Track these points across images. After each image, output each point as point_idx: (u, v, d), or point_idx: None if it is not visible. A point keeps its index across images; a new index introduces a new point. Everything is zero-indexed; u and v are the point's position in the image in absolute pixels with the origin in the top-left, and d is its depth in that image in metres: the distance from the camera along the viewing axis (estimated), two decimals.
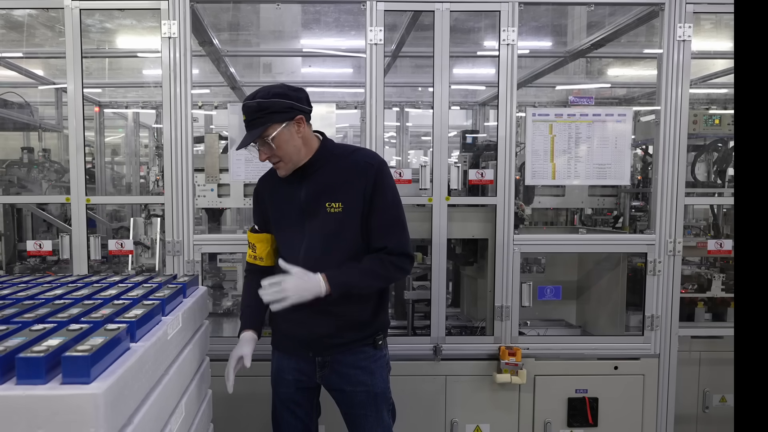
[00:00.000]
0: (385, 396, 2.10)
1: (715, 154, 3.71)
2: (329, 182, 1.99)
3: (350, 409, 2.09)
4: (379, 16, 2.70)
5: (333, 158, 2.03)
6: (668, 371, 2.89)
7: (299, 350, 2.08)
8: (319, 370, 2.07)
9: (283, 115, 1.93)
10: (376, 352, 2.07)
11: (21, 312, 1.46)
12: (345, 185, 1.97)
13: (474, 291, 3.29)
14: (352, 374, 2.04)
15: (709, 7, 2.80)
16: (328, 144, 2.08)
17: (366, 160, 2.01)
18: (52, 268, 3.62)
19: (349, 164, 2.00)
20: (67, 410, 1.08)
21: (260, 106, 1.91)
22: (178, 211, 2.74)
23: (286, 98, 1.94)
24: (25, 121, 4.38)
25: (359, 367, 2.04)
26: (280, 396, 2.15)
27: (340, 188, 1.97)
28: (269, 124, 1.92)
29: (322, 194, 1.98)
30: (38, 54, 4.31)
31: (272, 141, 1.93)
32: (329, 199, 1.97)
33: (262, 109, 1.91)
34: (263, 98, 1.92)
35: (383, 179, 1.99)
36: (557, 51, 4.19)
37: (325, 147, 2.05)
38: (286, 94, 1.94)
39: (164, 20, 2.67)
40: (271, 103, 1.92)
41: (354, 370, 2.04)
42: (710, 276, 3.35)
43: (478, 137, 3.63)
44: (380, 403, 2.08)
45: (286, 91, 1.95)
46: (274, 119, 1.92)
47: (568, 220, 4.24)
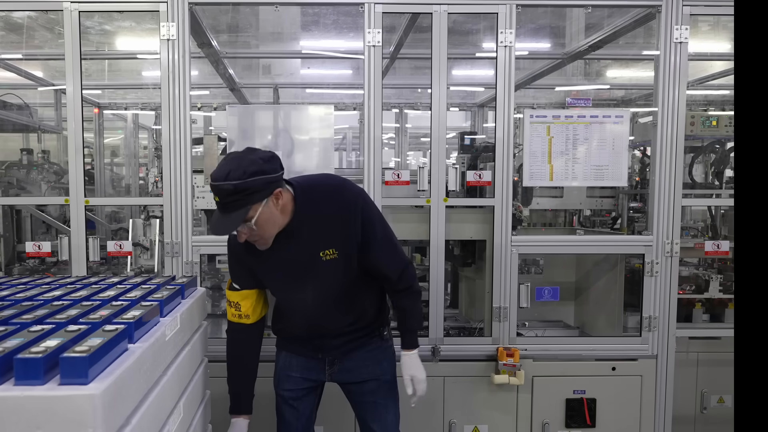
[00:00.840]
0: (393, 385, 2.17)
1: (713, 156, 3.72)
2: (317, 233, 1.91)
3: (362, 397, 2.16)
4: (377, 18, 2.70)
5: (311, 210, 1.90)
6: (666, 372, 2.89)
7: (308, 352, 2.14)
8: (328, 367, 2.13)
9: (262, 193, 1.76)
10: (383, 343, 2.15)
11: (19, 313, 1.46)
12: (333, 231, 1.91)
13: (472, 292, 3.30)
14: (362, 366, 2.11)
15: (706, 9, 2.81)
16: (300, 197, 1.90)
17: (345, 201, 1.93)
18: (51, 269, 3.62)
19: (331, 210, 1.91)
20: (65, 411, 1.09)
21: (237, 189, 1.72)
22: (177, 213, 2.75)
23: (262, 174, 1.75)
24: (25, 123, 4.39)
25: (368, 359, 2.11)
26: (285, 393, 2.17)
27: (329, 235, 1.91)
28: (250, 206, 1.76)
29: (314, 247, 1.92)
30: (37, 56, 4.32)
31: (255, 224, 1.79)
32: (322, 248, 1.91)
33: (239, 192, 1.73)
34: (239, 179, 1.71)
35: (367, 213, 1.95)
36: (555, 53, 4.20)
37: (299, 203, 1.89)
38: (261, 169, 1.75)
39: (163, 22, 2.67)
40: (249, 184, 1.73)
41: (364, 362, 2.11)
42: (708, 277, 3.36)
43: (476, 139, 3.64)
44: (389, 390, 2.16)
45: (262, 167, 1.76)
46: (254, 199, 1.75)
47: (567, 221, 4.25)
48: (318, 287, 1.98)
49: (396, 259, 2.03)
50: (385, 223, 2.04)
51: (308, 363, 2.13)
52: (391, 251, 2.02)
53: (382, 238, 1.99)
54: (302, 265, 1.95)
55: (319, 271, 1.95)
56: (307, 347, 2.12)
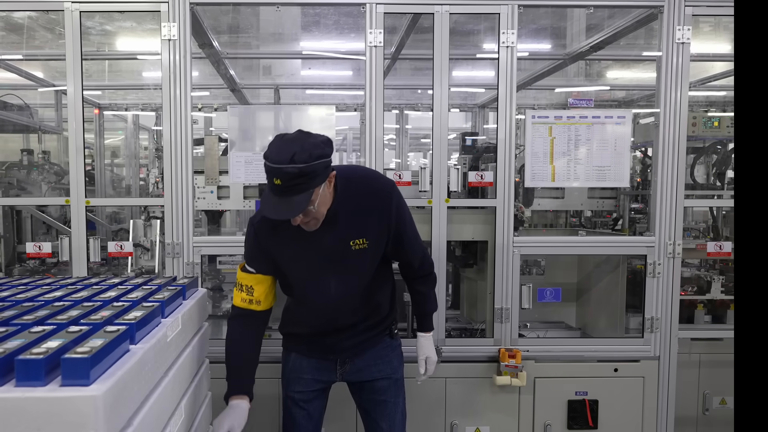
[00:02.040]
0: (401, 383, 2.19)
1: (714, 156, 3.71)
2: (351, 222, 1.91)
3: (370, 396, 2.16)
4: (378, 18, 2.70)
5: (349, 198, 1.91)
6: (668, 373, 2.88)
7: (319, 353, 2.13)
8: (339, 367, 2.13)
9: (322, 177, 1.76)
10: (393, 342, 2.18)
11: (20, 314, 1.46)
12: (368, 221, 1.93)
13: (474, 293, 3.29)
14: (373, 365, 2.13)
15: (708, 10, 2.81)
16: (341, 183, 1.90)
17: (381, 191, 1.96)
18: (52, 270, 3.62)
19: (367, 200, 1.94)
20: (66, 412, 1.08)
21: (302, 172, 1.68)
22: (178, 213, 2.74)
23: (325, 158, 1.75)
24: (25, 123, 4.39)
25: (379, 357, 2.13)
26: (295, 396, 2.14)
27: (363, 225, 1.93)
28: (312, 189, 1.73)
29: (346, 235, 1.92)
30: (38, 56, 4.32)
31: (315, 206, 1.78)
32: (354, 237, 1.93)
33: (304, 175, 1.69)
34: (305, 162, 1.68)
35: (400, 205, 2.01)
36: (556, 53, 4.20)
37: (340, 192, 1.90)
38: (324, 152, 1.74)
39: (164, 22, 2.67)
40: (314, 167, 1.70)
41: (375, 361, 2.13)
42: (710, 278, 3.35)
43: (477, 139, 3.64)
44: (399, 389, 2.17)
45: (324, 150, 1.75)
46: (316, 183, 1.74)
47: (568, 222, 4.24)
48: (343, 277, 1.97)
49: (419, 248, 2.13)
50: (410, 213, 2.08)
51: (319, 364, 2.12)
52: (417, 240, 2.12)
53: (412, 229, 2.08)
54: (331, 253, 1.92)
55: (348, 261, 1.94)
56: (319, 348, 2.11)
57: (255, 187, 2.95)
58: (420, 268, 2.14)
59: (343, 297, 2.01)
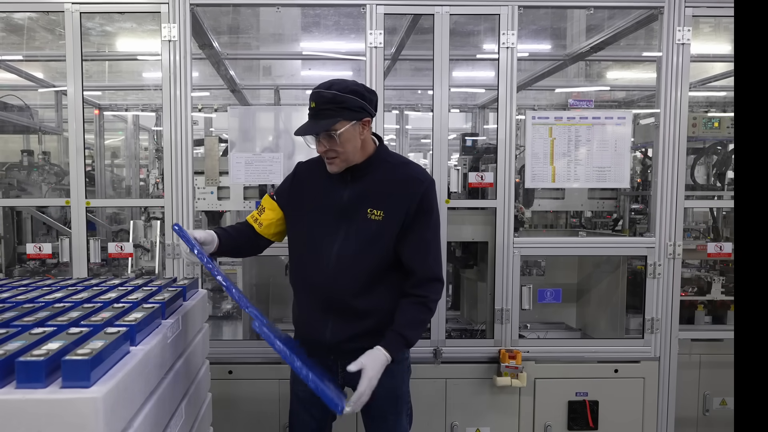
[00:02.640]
0: (405, 399, 2.11)
1: (715, 157, 3.71)
2: (376, 189, 1.95)
3: (370, 410, 2.05)
4: (378, 19, 2.70)
5: (384, 166, 1.98)
6: (668, 374, 2.88)
7: (321, 353, 2.05)
8: (341, 371, 2.04)
9: (354, 113, 1.88)
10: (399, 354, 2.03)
11: (20, 315, 1.46)
12: (391, 195, 1.94)
13: (474, 294, 3.29)
14: None
15: (708, 11, 2.81)
16: (383, 150, 2.02)
17: (417, 177, 1.97)
18: (52, 271, 3.62)
19: (399, 176, 1.96)
20: (67, 414, 1.08)
21: (335, 98, 1.86)
22: (178, 214, 2.74)
23: (361, 97, 1.90)
24: (25, 124, 4.39)
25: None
26: (299, 395, 2.13)
27: (385, 197, 1.93)
28: (339, 119, 1.87)
29: (366, 199, 1.95)
30: (38, 57, 4.32)
31: (338, 136, 1.87)
32: (372, 206, 1.93)
33: (336, 102, 1.86)
34: (339, 91, 1.87)
35: (430, 200, 1.97)
36: (557, 54, 4.20)
37: (379, 153, 2.00)
38: (362, 93, 1.90)
39: (164, 23, 2.67)
40: (347, 99, 1.87)
41: None
42: (710, 279, 3.35)
43: (477, 140, 3.64)
44: (400, 405, 2.09)
45: (363, 91, 1.92)
46: (345, 115, 1.87)
47: (568, 223, 4.25)
48: (349, 239, 1.95)
49: (427, 263, 1.97)
50: (438, 227, 2.03)
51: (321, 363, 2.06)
52: (426, 251, 1.97)
53: (426, 233, 1.97)
54: (347, 210, 1.96)
55: (359, 224, 1.95)
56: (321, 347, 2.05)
57: (255, 188, 2.95)
58: (419, 286, 1.95)
59: (343, 265, 1.95)
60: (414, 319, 1.95)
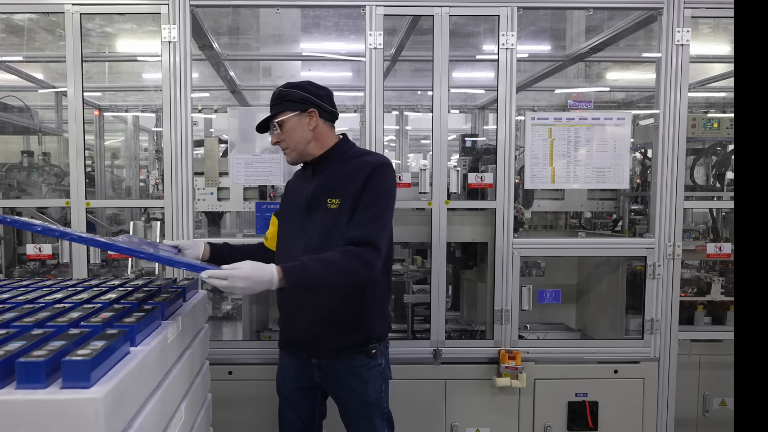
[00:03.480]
0: (377, 405, 2.08)
1: (714, 158, 3.72)
2: (334, 179, 2.03)
3: (344, 415, 2.12)
4: (378, 20, 2.71)
5: (344, 158, 2.07)
6: (668, 375, 2.88)
7: (297, 351, 2.13)
8: (317, 371, 2.10)
9: (296, 104, 2.04)
10: (370, 361, 2.05)
11: (21, 316, 1.46)
12: (345, 183, 2.00)
13: (474, 294, 3.29)
14: (345, 380, 2.06)
15: (708, 12, 2.81)
16: (344, 145, 2.12)
17: (369, 161, 2.02)
18: (52, 271, 3.62)
19: (355, 165, 2.03)
20: (67, 414, 1.08)
21: (279, 93, 2.07)
22: (178, 215, 2.74)
23: (303, 90, 2.06)
24: (25, 125, 4.39)
25: (352, 374, 2.04)
26: (283, 393, 2.20)
27: (341, 185, 2.00)
28: (282, 110, 2.05)
29: (326, 190, 2.03)
30: (38, 58, 4.32)
31: (280, 126, 2.05)
32: (330, 195, 2.01)
33: (280, 97, 2.06)
34: (285, 88, 2.08)
35: (377, 178, 1.97)
36: (556, 55, 4.21)
37: (339, 147, 2.10)
38: (304, 87, 2.07)
39: (164, 24, 2.67)
40: (289, 92, 2.05)
41: (347, 377, 2.05)
42: (709, 279, 3.35)
43: (477, 141, 3.64)
44: (372, 412, 2.08)
45: (306, 85, 2.08)
46: (287, 107, 2.04)
47: (567, 223, 4.25)
48: (314, 231, 2.01)
49: (365, 229, 1.90)
50: (385, 198, 1.98)
51: (299, 363, 2.13)
52: (367, 220, 1.91)
53: (372, 200, 1.93)
54: (311, 205, 2.06)
55: (321, 216, 2.01)
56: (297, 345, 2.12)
57: (255, 189, 2.96)
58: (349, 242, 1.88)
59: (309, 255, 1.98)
60: (326, 259, 1.84)
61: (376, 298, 2.05)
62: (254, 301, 3.23)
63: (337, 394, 2.11)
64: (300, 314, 2.05)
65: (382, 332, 2.09)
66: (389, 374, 2.14)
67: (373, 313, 2.05)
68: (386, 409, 2.13)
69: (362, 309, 2.02)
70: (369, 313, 2.04)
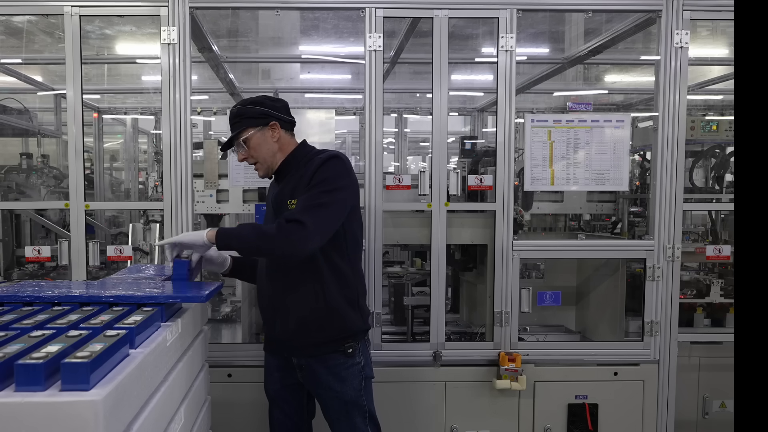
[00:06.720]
0: (357, 404, 2.10)
1: (713, 160, 3.72)
2: (292, 181, 2.08)
3: (326, 413, 2.16)
4: (378, 22, 2.71)
5: (301, 160, 2.11)
6: (668, 377, 2.88)
7: (279, 351, 2.18)
8: (298, 371, 2.14)
9: (257, 120, 2.08)
10: (347, 360, 2.07)
11: (19, 318, 1.46)
12: (301, 183, 2.04)
13: (473, 297, 3.29)
14: (323, 379, 2.09)
15: (706, 14, 2.81)
16: (302, 149, 2.17)
17: (320, 156, 2.06)
18: (51, 274, 3.61)
19: (309, 164, 2.07)
20: (66, 417, 1.08)
21: (238, 112, 2.10)
22: (177, 217, 2.74)
23: (261, 105, 2.09)
24: (24, 127, 4.38)
25: (330, 373, 2.08)
26: (270, 393, 2.24)
27: (297, 186, 2.04)
28: (243, 127, 2.08)
29: (288, 194, 2.07)
30: (37, 60, 4.32)
31: (245, 143, 2.09)
32: (290, 197, 2.05)
33: (239, 115, 2.09)
34: (242, 105, 2.12)
35: (322, 168, 1.99)
36: (555, 57, 4.21)
37: (296, 152, 2.15)
38: (262, 102, 2.11)
39: (164, 26, 2.68)
40: (247, 109, 2.09)
41: (326, 376, 2.08)
42: (709, 281, 3.35)
43: (476, 143, 3.65)
44: (351, 410, 2.10)
45: (263, 100, 2.12)
46: (248, 123, 2.08)
47: (567, 225, 4.24)
48: None
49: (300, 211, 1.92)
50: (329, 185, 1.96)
51: (282, 363, 2.17)
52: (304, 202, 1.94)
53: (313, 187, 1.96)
54: (275, 207, 2.12)
55: None
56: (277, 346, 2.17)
57: (254, 191, 2.96)
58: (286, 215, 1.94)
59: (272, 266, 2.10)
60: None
61: (346, 294, 2.08)
62: (254, 303, 3.23)
63: (317, 393, 2.15)
64: (277, 314, 2.11)
65: (356, 328, 2.10)
66: (370, 373, 2.15)
67: (345, 308, 2.07)
68: (367, 408, 2.13)
69: (332, 305, 2.05)
70: (340, 308, 2.06)
